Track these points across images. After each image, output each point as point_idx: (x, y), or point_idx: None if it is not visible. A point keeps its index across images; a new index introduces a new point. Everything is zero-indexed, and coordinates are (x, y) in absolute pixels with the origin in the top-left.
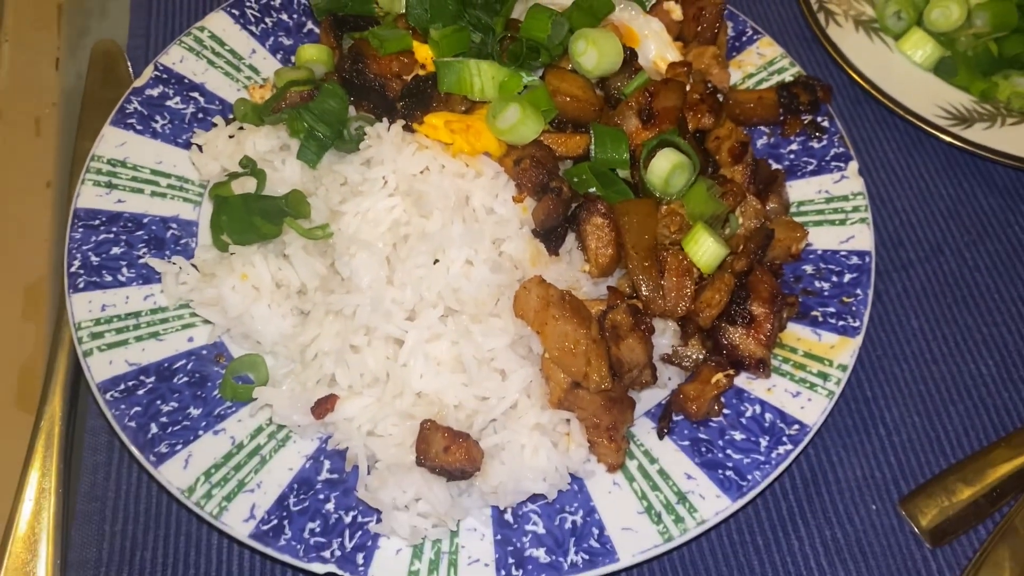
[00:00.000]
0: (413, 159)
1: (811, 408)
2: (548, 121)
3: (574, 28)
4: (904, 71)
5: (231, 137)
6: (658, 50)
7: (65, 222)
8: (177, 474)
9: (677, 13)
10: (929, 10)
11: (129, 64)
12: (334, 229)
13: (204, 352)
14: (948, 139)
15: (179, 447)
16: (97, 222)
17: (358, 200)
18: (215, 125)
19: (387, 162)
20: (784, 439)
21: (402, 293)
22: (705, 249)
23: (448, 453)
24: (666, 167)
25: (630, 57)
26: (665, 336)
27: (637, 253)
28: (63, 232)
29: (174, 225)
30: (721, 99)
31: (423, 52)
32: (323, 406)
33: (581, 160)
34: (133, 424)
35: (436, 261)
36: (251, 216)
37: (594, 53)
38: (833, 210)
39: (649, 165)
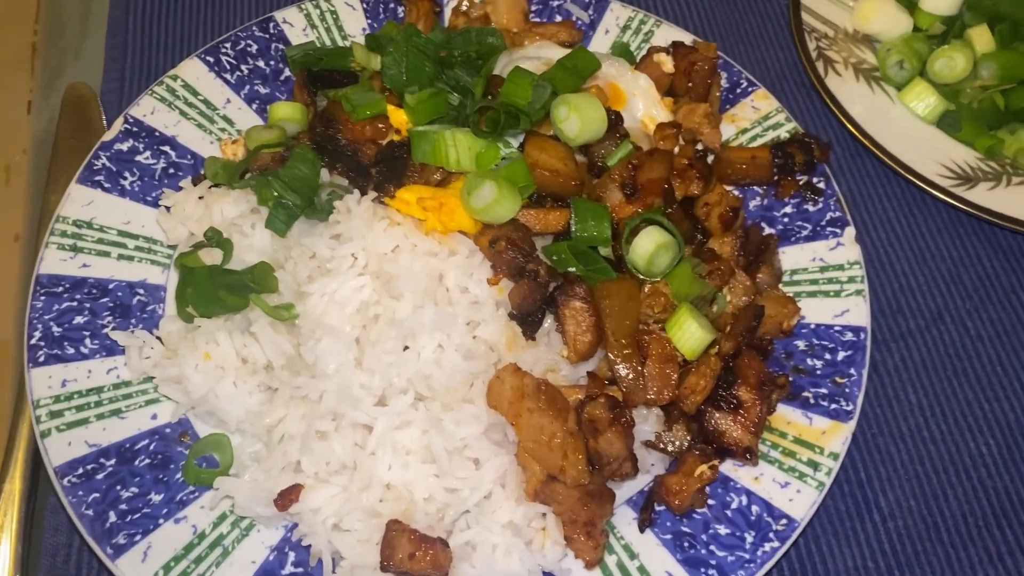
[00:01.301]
0: (383, 236)
1: (800, 500)
2: (527, 196)
3: (557, 90)
4: (905, 124)
5: (201, 199)
6: (646, 109)
7: (31, 280)
8: (135, 567)
9: (668, 66)
10: (933, 60)
11: (102, 109)
12: (300, 311)
13: (168, 431)
14: (950, 201)
15: (138, 537)
16: (60, 289)
17: (325, 281)
18: (182, 189)
19: (356, 239)
20: (771, 535)
21: (371, 379)
22: (690, 335)
23: (414, 560)
24: (649, 247)
25: (615, 122)
26: (648, 422)
27: (617, 340)
28: (29, 291)
29: (141, 291)
30: (712, 159)
31: (399, 117)
32: (287, 497)
33: (561, 236)
34: (91, 512)
35: (406, 348)
36: (216, 289)
37: (576, 120)
38: (827, 280)
39: (632, 244)
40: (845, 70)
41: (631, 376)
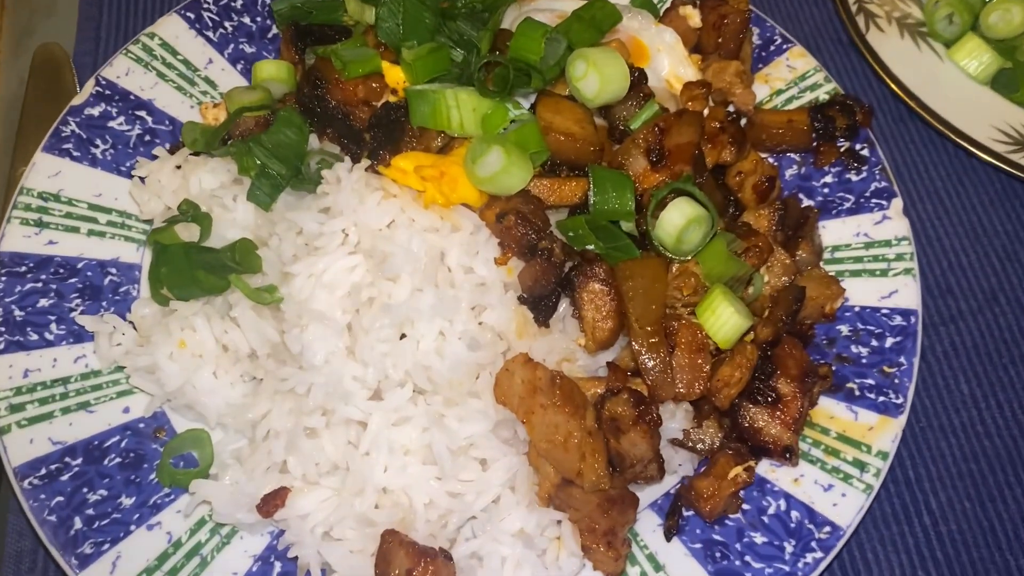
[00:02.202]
0: (377, 210)
1: (845, 505)
2: (539, 164)
3: (573, 45)
4: (956, 85)
5: (178, 168)
6: (672, 67)
7: None
8: None
9: (695, 19)
10: (986, 14)
11: (75, 71)
12: (284, 293)
13: (141, 426)
14: (1006, 168)
15: (106, 546)
16: (24, 268)
17: (312, 260)
18: (157, 157)
19: (347, 213)
20: (813, 544)
21: (364, 370)
22: (724, 321)
23: None
24: (679, 222)
25: (638, 80)
26: (676, 419)
27: (642, 327)
28: None
29: (113, 270)
30: (745, 123)
31: (395, 74)
32: (271, 503)
33: (577, 210)
34: (54, 518)
35: (403, 336)
36: (193, 269)
37: (595, 78)
38: (873, 258)
39: (658, 218)
40: (888, 25)
41: (658, 368)
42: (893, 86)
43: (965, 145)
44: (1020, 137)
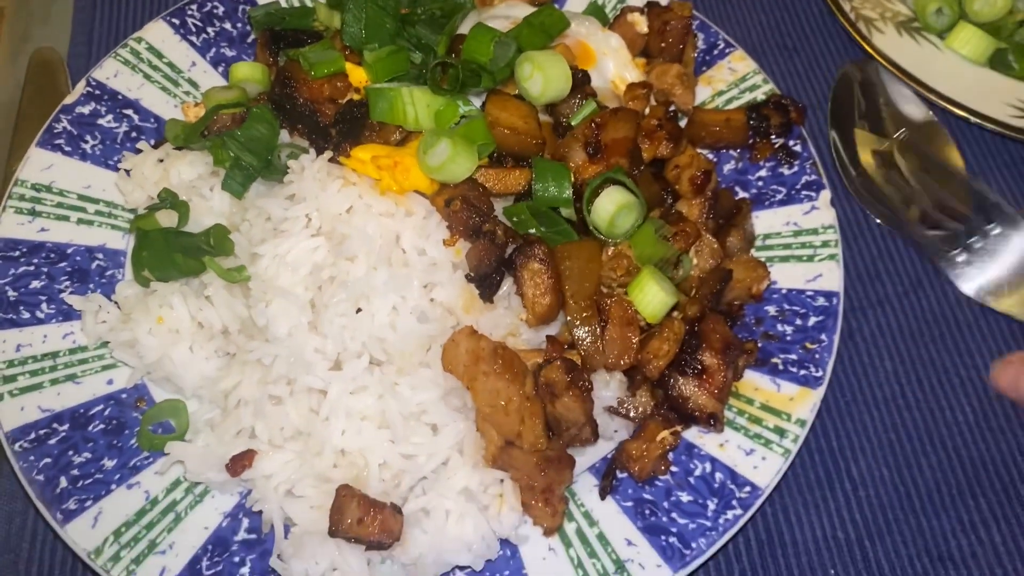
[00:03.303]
0: (338, 196)
1: (765, 468)
2: (486, 155)
3: (523, 48)
4: (960, 70)
5: (160, 162)
6: (617, 69)
7: None
8: (85, 533)
9: (642, 25)
10: (971, 1)
11: (68, 74)
12: (251, 273)
13: (124, 396)
14: None
15: (89, 503)
16: (17, 253)
17: (277, 242)
18: (141, 151)
19: (310, 199)
20: (734, 502)
21: (324, 342)
22: (651, 298)
23: (362, 525)
24: (611, 208)
25: (581, 81)
26: (610, 387)
27: (576, 303)
28: None
29: (100, 255)
30: (685, 121)
31: (359, 75)
32: (239, 463)
33: (522, 197)
34: (41, 477)
35: (359, 310)
36: (172, 252)
37: (540, 78)
38: (801, 244)
39: (593, 205)
40: (886, 26)
41: (590, 339)
42: (914, 84)
43: (990, 127)
44: None
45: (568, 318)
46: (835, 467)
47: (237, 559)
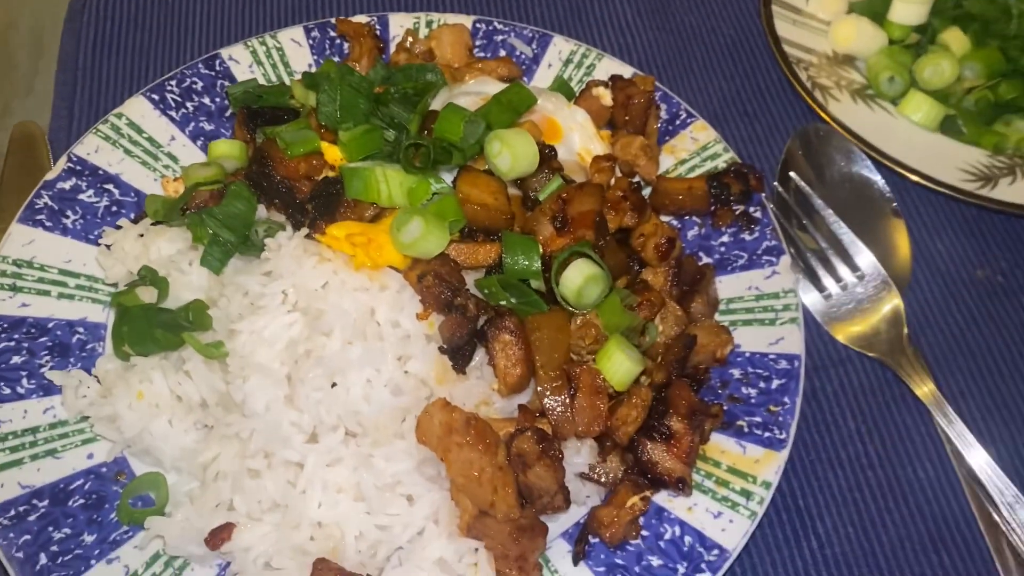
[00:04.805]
0: (313, 273)
1: (732, 530)
2: (457, 231)
3: (492, 124)
4: (912, 136)
5: (140, 236)
6: (583, 143)
7: None
8: None
9: (607, 99)
10: (920, 70)
11: (49, 148)
12: (229, 348)
13: (104, 470)
14: (983, 204)
15: None
16: None
17: (254, 318)
18: (120, 227)
19: (287, 276)
20: (703, 565)
21: (300, 416)
22: (618, 366)
23: None
24: (578, 280)
25: (548, 156)
26: (581, 454)
27: (546, 372)
28: None
29: (80, 329)
30: (648, 191)
31: (333, 153)
32: (219, 536)
33: (492, 270)
34: (21, 555)
35: (334, 384)
36: (152, 328)
37: (508, 155)
38: (763, 308)
39: (561, 277)
40: (841, 93)
41: (559, 408)
42: (870, 151)
43: (942, 191)
44: (983, 172)
45: (538, 388)
46: (801, 526)
47: None
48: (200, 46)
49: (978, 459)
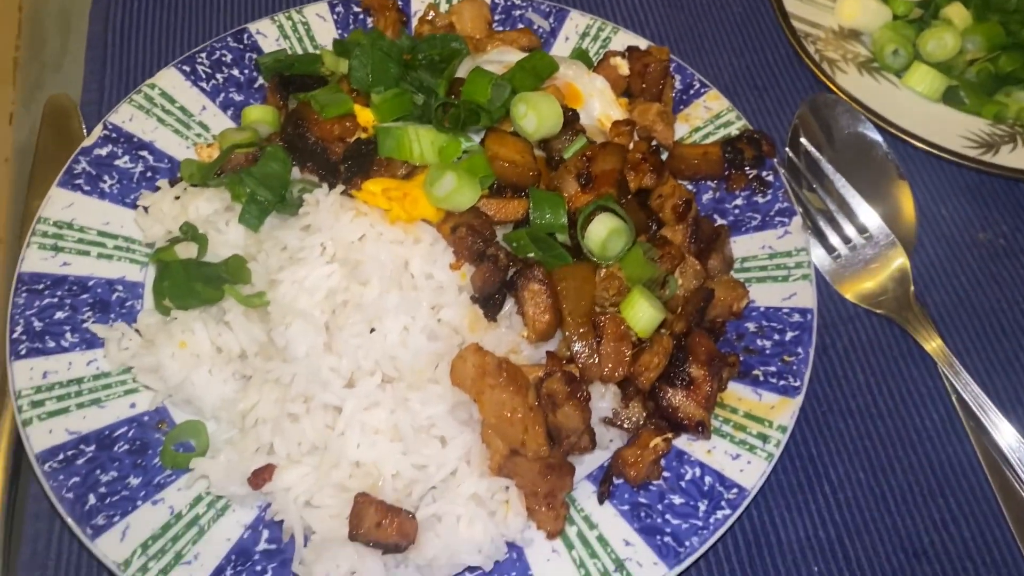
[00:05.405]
0: (351, 226)
1: (750, 471)
2: (486, 187)
3: (517, 89)
4: (917, 106)
5: (177, 199)
6: (602, 108)
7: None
8: (114, 547)
9: (624, 68)
10: (924, 43)
11: (82, 119)
12: (271, 297)
13: (146, 419)
14: (984, 169)
15: (117, 518)
16: (41, 286)
17: (295, 268)
18: (159, 189)
19: (325, 229)
20: (723, 503)
21: (339, 361)
22: (642, 314)
23: (380, 528)
24: (602, 233)
25: (571, 118)
26: (605, 399)
27: (574, 319)
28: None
29: (120, 287)
30: (665, 155)
31: (366, 115)
32: (260, 476)
33: (521, 224)
34: (71, 495)
35: (372, 330)
36: (192, 282)
37: (534, 117)
38: (776, 266)
39: (586, 231)
40: (848, 67)
41: (586, 353)
42: (877, 121)
43: (945, 156)
44: (984, 139)
45: (566, 334)
46: (815, 472)
47: (259, 568)
48: (225, 24)
49: (984, 408)
